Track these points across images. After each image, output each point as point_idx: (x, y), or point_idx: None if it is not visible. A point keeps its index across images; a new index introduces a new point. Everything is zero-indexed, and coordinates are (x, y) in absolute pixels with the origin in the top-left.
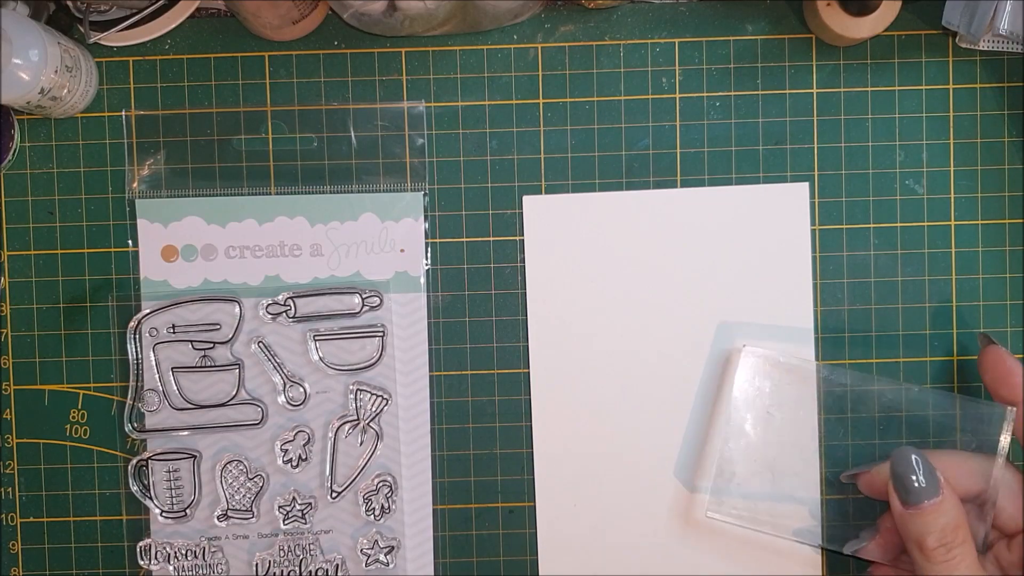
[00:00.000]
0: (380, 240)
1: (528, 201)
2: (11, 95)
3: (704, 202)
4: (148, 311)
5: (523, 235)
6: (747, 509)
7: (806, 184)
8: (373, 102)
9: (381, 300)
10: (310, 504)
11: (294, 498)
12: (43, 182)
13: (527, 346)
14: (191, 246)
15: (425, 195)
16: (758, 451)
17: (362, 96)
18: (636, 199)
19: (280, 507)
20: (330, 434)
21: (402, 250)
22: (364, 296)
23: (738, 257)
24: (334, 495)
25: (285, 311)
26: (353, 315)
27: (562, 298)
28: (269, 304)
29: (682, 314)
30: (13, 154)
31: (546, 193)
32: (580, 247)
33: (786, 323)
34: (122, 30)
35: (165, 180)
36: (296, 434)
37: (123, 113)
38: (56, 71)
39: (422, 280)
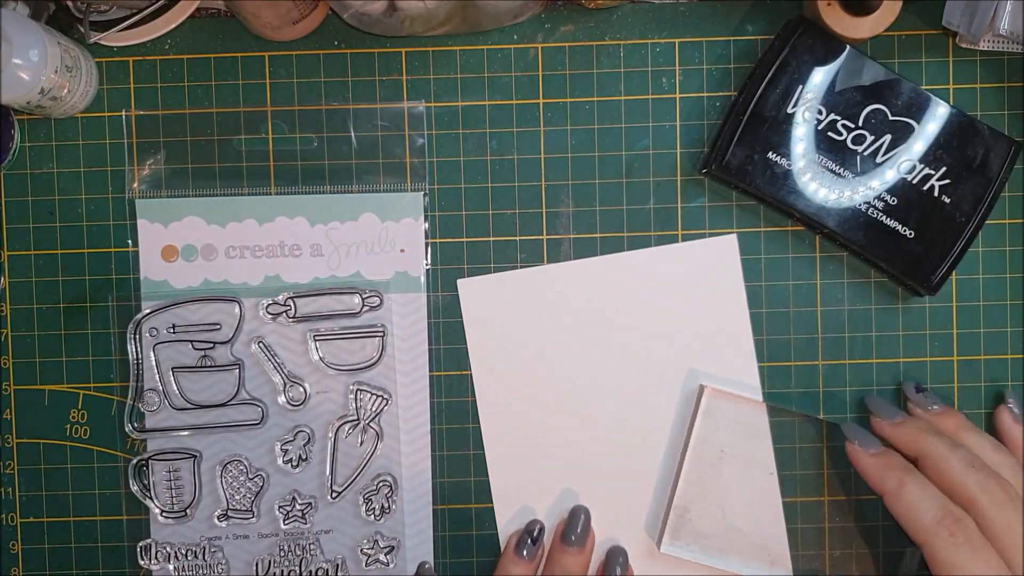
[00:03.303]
0: (380, 240)
1: (462, 284)
2: (11, 95)
3: (642, 264)
4: (148, 311)
5: (521, 235)
6: (700, 545)
7: (734, 237)
8: (373, 102)
9: (381, 300)
10: (310, 504)
11: (294, 498)
12: (43, 182)
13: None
14: (191, 246)
15: (425, 195)
16: (711, 489)
17: (362, 96)
18: (568, 271)
19: (280, 507)
20: (330, 434)
21: (402, 250)
22: (364, 296)
23: (690, 309)
24: (334, 495)
25: (285, 311)
26: (353, 315)
27: (508, 374)
28: (269, 304)
29: (647, 366)
30: (13, 154)
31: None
32: (520, 323)
33: (735, 362)
34: (122, 30)
35: (165, 180)
36: (296, 434)
37: (123, 113)
38: (56, 71)
39: (422, 280)
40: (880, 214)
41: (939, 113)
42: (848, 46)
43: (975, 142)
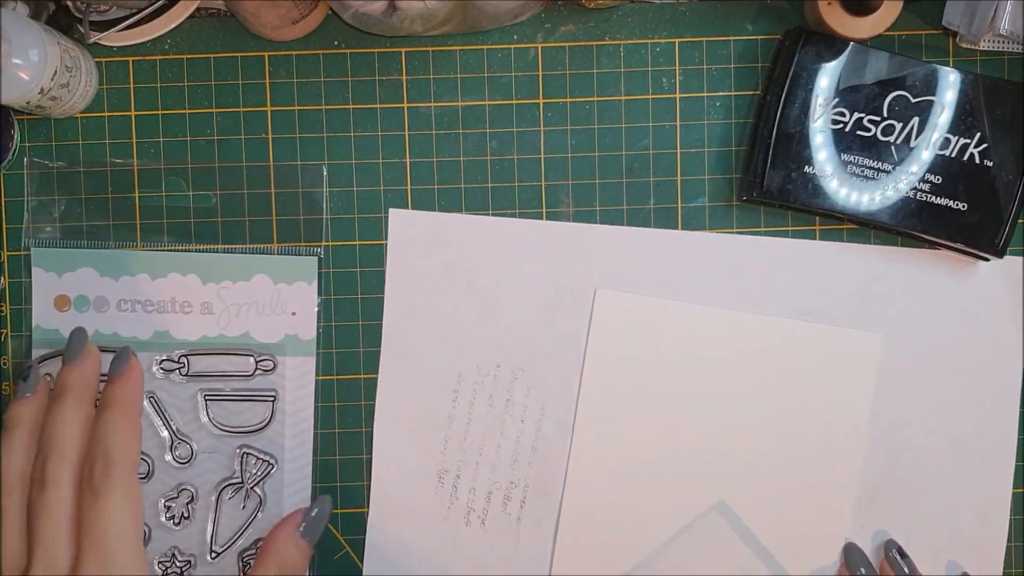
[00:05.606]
0: (272, 302)
1: (600, 296)
2: (11, 95)
3: (778, 331)
4: (37, 359)
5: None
6: None
7: (879, 336)
8: (373, 102)
9: (275, 364)
10: (189, 562)
11: (174, 554)
12: None
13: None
14: (83, 297)
15: (320, 258)
16: None
17: (362, 96)
18: (706, 314)
19: (159, 562)
20: (214, 495)
21: (293, 313)
22: (258, 359)
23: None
24: (214, 556)
25: (178, 368)
26: (246, 377)
27: (614, 394)
28: (163, 360)
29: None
30: (13, 154)
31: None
32: (644, 350)
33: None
34: (122, 30)
35: (61, 232)
36: (180, 492)
37: (25, 172)
38: (56, 71)
39: (312, 344)
40: (928, 195)
41: (959, 81)
42: (852, 42)
43: (1002, 100)
